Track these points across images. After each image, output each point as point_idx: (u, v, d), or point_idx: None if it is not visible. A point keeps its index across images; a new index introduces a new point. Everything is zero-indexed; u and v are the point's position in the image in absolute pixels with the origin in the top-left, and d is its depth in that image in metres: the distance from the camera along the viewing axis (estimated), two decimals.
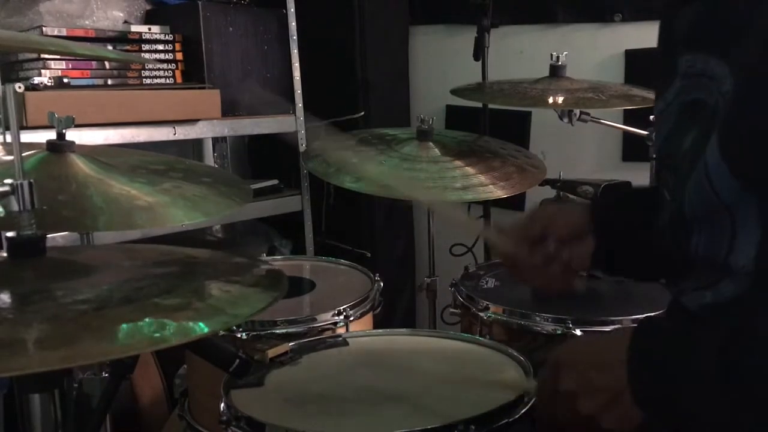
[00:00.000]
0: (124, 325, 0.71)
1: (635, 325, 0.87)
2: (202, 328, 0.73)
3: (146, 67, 2.11)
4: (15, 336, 0.69)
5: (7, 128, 1.35)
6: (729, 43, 0.82)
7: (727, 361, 0.75)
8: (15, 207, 0.84)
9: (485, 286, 1.67)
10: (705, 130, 0.84)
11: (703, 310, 0.88)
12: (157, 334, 0.70)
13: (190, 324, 0.73)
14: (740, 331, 0.77)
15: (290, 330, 1.40)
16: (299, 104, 2.45)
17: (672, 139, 0.93)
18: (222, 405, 1.03)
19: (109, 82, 2.03)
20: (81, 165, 1.26)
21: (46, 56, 1.89)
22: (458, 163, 1.79)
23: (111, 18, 2.20)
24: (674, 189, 0.92)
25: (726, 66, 0.82)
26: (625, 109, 2.25)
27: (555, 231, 1.10)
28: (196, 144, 2.63)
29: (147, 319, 0.72)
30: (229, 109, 2.24)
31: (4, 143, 1.44)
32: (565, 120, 1.92)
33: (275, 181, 2.48)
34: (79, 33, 2.01)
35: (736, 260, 0.82)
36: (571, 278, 1.14)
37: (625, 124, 2.18)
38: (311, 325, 1.43)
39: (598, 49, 2.39)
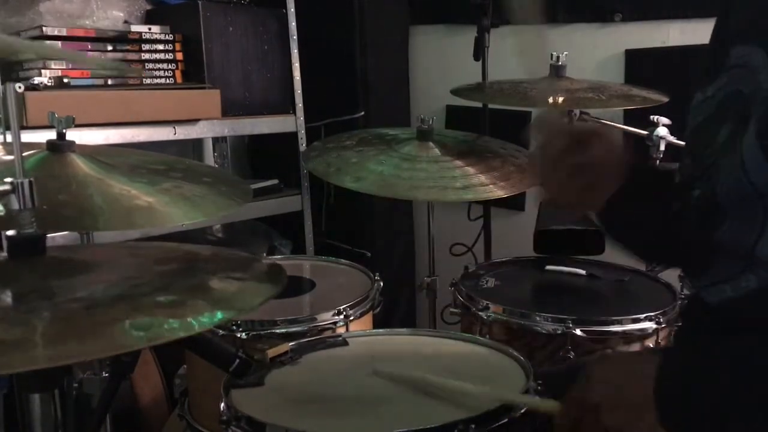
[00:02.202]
0: (117, 323, 0.70)
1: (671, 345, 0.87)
2: (198, 323, 0.72)
3: (146, 68, 2.11)
4: (5, 335, 0.69)
5: (7, 128, 1.35)
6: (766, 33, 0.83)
7: (755, 372, 0.75)
8: (15, 206, 0.84)
9: (485, 286, 1.67)
10: (740, 121, 0.84)
11: (722, 303, 0.88)
12: (150, 332, 0.70)
13: (186, 320, 0.73)
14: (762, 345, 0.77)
15: (290, 330, 1.40)
16: (299, 104, 2.46)
17: (701, 130, 0.93)
18: (222, 405, 1.03)
19: (109, 82, 2.03)
20: (81, 165, 1.26)
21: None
22: (458, 163, 1.79)
23: (111, 18, 2.20)
24: (692, 176, 0.91)
25: (765, 56, 0.82)
26: (625, 109, 2.25)
27: (598, 142, 1.03)
28: (196, 144, 2.63)
29: (141, 317, 0.72)
30: (229, 109, 2.24)
31: (5, 143, 1.44)
32: (565, 120, 1.92)
33: (275, 181, 2.48)
34: (79, 33, 2.01)
35: (763, 250, 0.82)
36: (586, 199, 1.06)
37: (625, 124, 2.18)
38: (311, 325, 1.43)
39: (598, 49, 2.40)
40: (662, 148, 1.82)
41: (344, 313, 1.46)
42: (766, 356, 0.76)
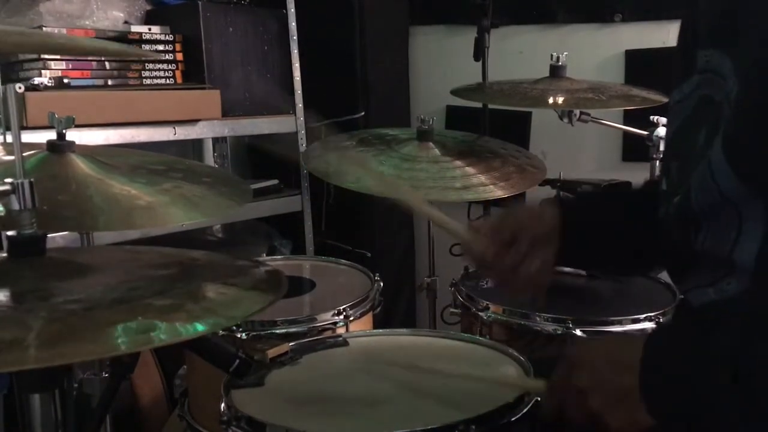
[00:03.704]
0: (112, 326, 0.70)
1: (654, 327, 0.87)
2: (192, 329, 0.72)
3: (146, 68, 2.11)
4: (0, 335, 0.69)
5: (7, 128, 1.35)
6: (736, 42, 0.83)
7: (738, 365, 0.75)
8: (15, 206, 0.84)
9: (485, 286, 1.67)
10: (712, 128, 0.84)
11: (705, 307, 0.88)
12: (144, 335, 0.70)
13: (179, 325, 0.72)
14: (750, 334, 0.77)
15: (290, 330, 1.40)
16: (299, 104, 2.45)
17: (683, 133, 0.93)
18: (222, 405, 1.03)
19: (110, 82, 2.03)
20: (81, 165, 1.26)
21: (47, 56, 1.89)
22: (458, 163, 1.79)
23: (111, 18, 2.20)
24: (678, 182, 0.92)
25: (732, 65, 0.82)
26: (625, 109, 2.25)
27: (524, 234, 1.09)
28: (196, 144, 2.63)
29: (135, 320, 0.72)
30: (229, 110, 2.24)
31: (5, 143, 1.44)
32: (565, 120, 1.92)
33: (275, 181, 2.48)
34: (79, 33, 2.01)
35: (740, 256, 0.82)
36: (536, 286, 1.13)
37: (625, 124, 2.19)
38: (311, 325, 1.43)
39: (598, 49, 2.40)
40: (662, 148, 1.81)
41: (344, 313, 1.46)
42: (750, 348, 0.76)
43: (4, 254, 0.87)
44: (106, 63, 2.02)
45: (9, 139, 0.94)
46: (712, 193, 0.83)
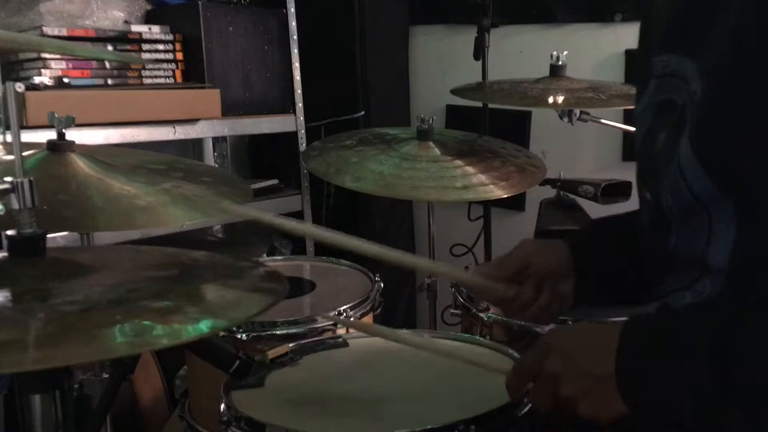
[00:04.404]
0: (108, 328, 0.70)
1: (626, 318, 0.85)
2: (189, 331, 0.72)
3: (146, 67, 2.11)
4: None
5: (7, 128, 1.35)
6: (697, 44, 0.82)
7: (720, 357, 0.74)
8: (15, 205, 0.84)
9: None
10: (675, 131, 0.84)
11: (684, 310, 0.88)
12: (141, 337, 0.69)
13: (177, 327, 0.72)
14: (730, 326, 0.77)
15: (290, 331, 1.40)
16: (299, 104, 2.45)
17: (648, 140, 0.93)
18: (222, 405, 1.03)
19: (109, 81, 2.03)
20: (81, 165, 1.26)
21: (47, 56, 1.89)
22: (458, 162, 1.79)
23: (111, 18, 2.20)
24: (652, 187, 0.92)
25: (695, 66, 0.82)
26: (625, 109, 2.24)
27: (534, 269, 1.07)
28: (196, 144, 2.63)
29: (131, 322, 0.71)
30: (229, 109, 2.24)
31: (5, 143, 1.44)
32: (565, 120, 1.92)
33: (275, 181, 2.48)
34: (79, 33, 2.01)
35: (714, 258, 0.82)
36: (553, 313, 1.10)
37: (625, 123, 2.18)
38: (311, 326, 1.42)
39: (598, 49, 2.40)
40: None
41: (344, 314, 1.46)
42: (744, 347, 0.75)
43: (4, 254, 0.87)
44: (106, 63, 2.02)
45: (9, 138, 0.94)
46: (683, 194, 0.82)
